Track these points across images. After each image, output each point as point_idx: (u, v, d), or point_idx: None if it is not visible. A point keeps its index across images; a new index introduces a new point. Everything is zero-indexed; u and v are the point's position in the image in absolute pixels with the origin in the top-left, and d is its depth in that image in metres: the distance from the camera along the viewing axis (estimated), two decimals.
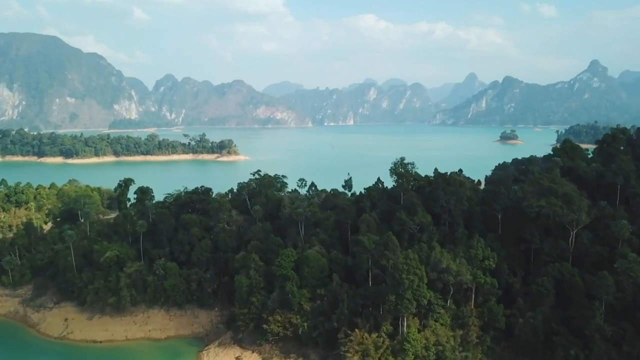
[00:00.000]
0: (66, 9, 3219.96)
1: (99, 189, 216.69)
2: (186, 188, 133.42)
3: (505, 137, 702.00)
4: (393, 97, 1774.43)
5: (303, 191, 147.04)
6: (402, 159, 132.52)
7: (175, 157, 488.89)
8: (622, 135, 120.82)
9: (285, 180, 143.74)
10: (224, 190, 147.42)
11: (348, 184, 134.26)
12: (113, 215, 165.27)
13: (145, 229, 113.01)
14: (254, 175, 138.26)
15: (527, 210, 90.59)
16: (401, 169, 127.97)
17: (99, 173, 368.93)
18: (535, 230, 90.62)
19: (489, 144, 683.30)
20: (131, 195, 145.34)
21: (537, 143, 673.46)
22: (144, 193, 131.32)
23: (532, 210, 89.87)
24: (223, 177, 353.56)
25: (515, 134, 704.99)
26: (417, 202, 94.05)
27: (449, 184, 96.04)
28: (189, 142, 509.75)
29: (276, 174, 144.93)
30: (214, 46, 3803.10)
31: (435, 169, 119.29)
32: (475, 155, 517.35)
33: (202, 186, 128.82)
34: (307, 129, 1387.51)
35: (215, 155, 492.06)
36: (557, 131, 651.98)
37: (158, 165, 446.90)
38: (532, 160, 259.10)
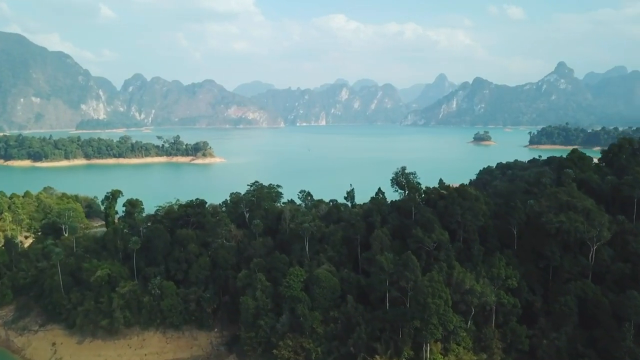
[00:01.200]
0: (30, 6, 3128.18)
1: (76, 197, 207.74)
2: (178, 200, 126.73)
3: (478, 139, 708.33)
4: (364, 98, 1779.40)
5: (298, 200, 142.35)
6: (404, 168, 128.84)
7: (148, 159, 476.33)
8: (628, 145, 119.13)
9: (280, 190, 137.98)
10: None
11: (350, 195, 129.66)
12: (97, 226, 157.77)
13: (139, 245, 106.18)
14: (250, 186, 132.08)
15: (547, 226, 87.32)
16: (403, 180, 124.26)
17: (71, 178, 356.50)
18: (555, 247, 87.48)
19: (463, 145, 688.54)
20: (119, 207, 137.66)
21: (510, 144, 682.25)
22: (134, 206, 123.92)
23: (553, 226, 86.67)
24: (202, 181, 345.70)
25: (488, 135, 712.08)
26: (433, 218, 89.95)
27: (464, 198, 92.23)
28: (163, 145, 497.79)
29: (271, 184, 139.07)
30: (183, 45, 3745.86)
31: (441, 180, 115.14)
32: (452, 157, 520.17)
33: (196, 199, 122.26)
34: (279, 129, 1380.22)
35: (190, 157, 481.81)
36: (530, 132, 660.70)
37: (131, 168, 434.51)
38: (517, 164, 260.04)
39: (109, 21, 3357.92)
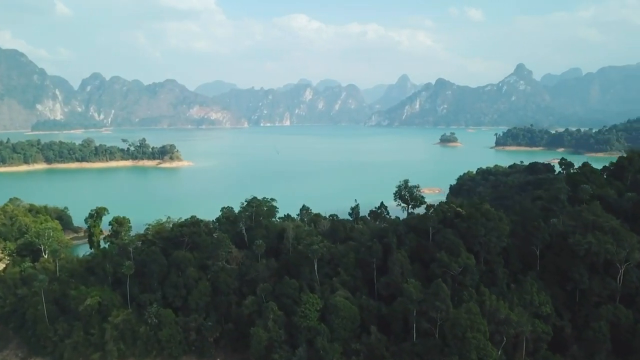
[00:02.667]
0: None
1: (45, 208, 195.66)
2: (169, 217, 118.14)
3: (445, 140, 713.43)
4: (328, 98, 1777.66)
5: (294, 214, 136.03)
6: (406, 181, 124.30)
7: (113, 163, 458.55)
8: (638, 157, 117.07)
9: (274, 204, 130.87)
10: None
11: (355, 212, 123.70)
12: (70, 238, 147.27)
13: (133, 270, 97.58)
14: (246, 202, 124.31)
15: (575, 248, 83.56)
16: (406, 194, 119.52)
17: (33, 184, 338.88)
18: (582, 269, 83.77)
19: (430, 147, 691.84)
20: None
21: (476, 145, 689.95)
22: (121, 224, 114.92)
23: (581, 248, 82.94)
24: (174, 188, 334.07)
25: (454, 136, 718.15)
26: (458, 241, 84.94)
27: (487, 218, 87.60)
28: (128, 148, 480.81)
29: (264, 197, 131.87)
30: (142, 44, 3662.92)
31: (463, 202, 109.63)
32: (422, 160, 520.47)
33: (192, 216, 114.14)
34: (243, 129, 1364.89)
35: (157, 161, 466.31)
36: (496, 134, 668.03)
37: (96, 173, 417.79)
38: (498, 170, 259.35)
39: (65, 18, 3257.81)
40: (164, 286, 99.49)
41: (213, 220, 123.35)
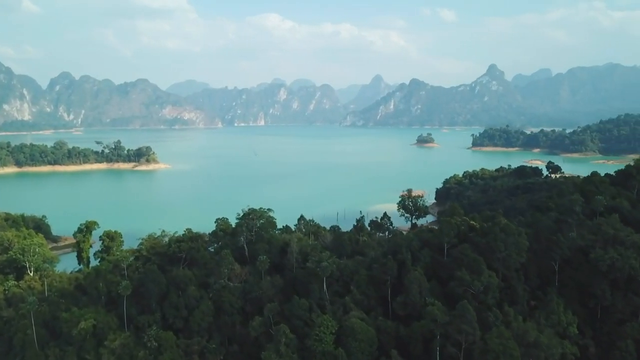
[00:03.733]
0: None
1: (22, 217, 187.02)
2: (164, 231, 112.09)
3: (421, 141, 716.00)
4: (303, 98, 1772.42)
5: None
6: (410, 191, 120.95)
7: (87, 166, 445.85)
8: None
9: (271, 213, 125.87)
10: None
11: (360, 223, 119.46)
12: (58, 256, 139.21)
13: (130, 291, 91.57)
14: (242, 213, 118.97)
15: (597, 263, 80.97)
16: (410, 204, 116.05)
17: (4, 189, 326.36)
18: (605, 285, 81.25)
19: (408, 148, 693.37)
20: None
21: (453, 146, 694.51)
22: (112, 239, 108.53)
23: (604, 263, 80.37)
24: (154, 192, 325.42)
25: (431, 137, 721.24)
26: (479, 259, 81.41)
27: (507, 233, 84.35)
28: (103, 150, 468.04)
29: (261, 207, 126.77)
30: (112, 42, 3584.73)
31: (477, 214, 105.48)
32: (401, 161, 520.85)
33: (188, 229, 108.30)
34: (217, 129, 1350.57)
35: (133, 164, 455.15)
36: (472, 135, 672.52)
37: (70, 176, 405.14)
38: (485, 173, 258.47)
39: (32, 15, 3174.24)
40: (164, 307, 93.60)
41: (209, 234, 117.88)
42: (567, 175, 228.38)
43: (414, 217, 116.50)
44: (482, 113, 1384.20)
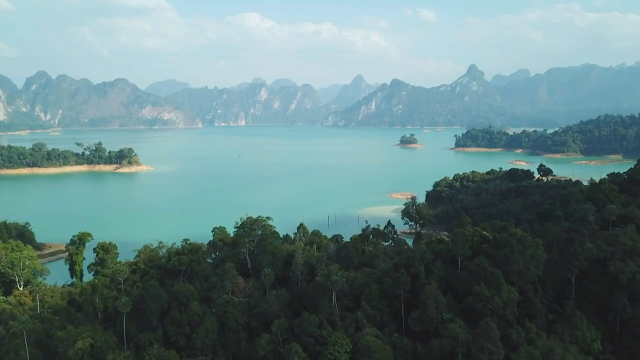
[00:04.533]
0: None
1: (5, 225, 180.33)
2: (160, 242, 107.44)
3: (405, 141, 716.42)
4: (284, 98, 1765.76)
5: (284, 229, 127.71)
6: (414, 199, 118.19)
7: (67, 169, 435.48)
8: None
9: (270, 222, 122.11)
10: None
11: (366, 234, 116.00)
12: (48, 268, 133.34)
13: (130, 308, 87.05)
14: (241, 222, 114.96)
15: (617, 275, 78.96)
16: (414, 211, 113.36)
17: None
18: (625, 298, 79.27)
19: (391, 148, 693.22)
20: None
21: (436, 146, 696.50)
22: (107, 251, 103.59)
23: (624, 276, 78.38)
24: (139, 195, 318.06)
25: (414, 137, 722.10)
26: (497, 272, 78.68)
27: (524, 246, 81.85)
28: (83, 152, 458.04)
29: (259, 216, 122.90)
30: (90, 41, 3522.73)
31: (488, 225, 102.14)
32: (386, 162, 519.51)
33: (185, 239, 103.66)
34: (197, 130, 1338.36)
35: (114, 166, 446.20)
36: (456, 135, 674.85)
37: (50, 179, 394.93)
38: (476, 175, 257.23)
39: (6, 13, 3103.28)
40: (165, 323, 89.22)
41: (207, 244, 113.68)
42: (557, 178, 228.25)
43: (416, 226, 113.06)
44: (463, 113, 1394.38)
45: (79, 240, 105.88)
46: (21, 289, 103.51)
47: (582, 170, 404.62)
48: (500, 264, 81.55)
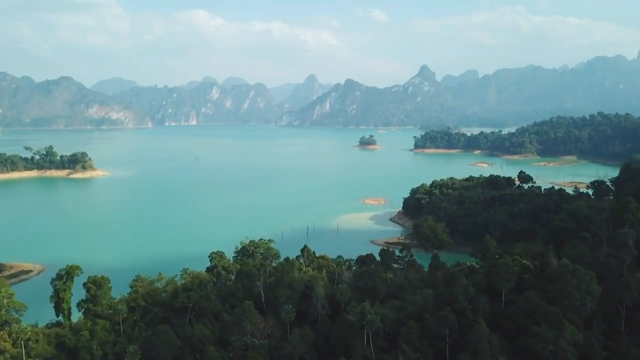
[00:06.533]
0: None
1: None
2: (161, 274, 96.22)
3: (364, 142, 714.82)
4: (236, 97, 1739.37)
5: (295, 255, 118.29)
6: (428, 218, 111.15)
7: (16, 174, 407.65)
8: None
9: (273, 245, 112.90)
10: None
11: (384, 257, 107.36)
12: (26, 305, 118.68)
13: (139, 357, 75.93)
14: (241, 247, 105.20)
15: None
16: (429, 233, 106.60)
17: None
18: None
19: (351, 150, 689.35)
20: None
21: (395, 148, 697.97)
22: (99, 286, 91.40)
23: None
24: (100, 205, 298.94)
25: (373, 139, 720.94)
26: (556, 310, 72.33)
27: (579, 280, 75.83)
28: (33, 156, 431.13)
29: (261, 239, 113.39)
30: (29, 37, 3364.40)
31: (519, 249, 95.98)
32: (348, 164, 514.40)
33: (185, 270, 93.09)
34: (147, 130, 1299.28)
35: (67, 171, 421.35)
36: (415, 137, 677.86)
37: None
38: (455, 182, 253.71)
39: None
40: None
41: (209, 275, 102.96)
42: (539, 185, 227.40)
43: (433, 249, 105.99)
44: (416, 113, 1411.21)
45: (67, 275, 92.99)
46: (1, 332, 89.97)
47: (541, 171, 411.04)
48: (553, 299, 75.31)
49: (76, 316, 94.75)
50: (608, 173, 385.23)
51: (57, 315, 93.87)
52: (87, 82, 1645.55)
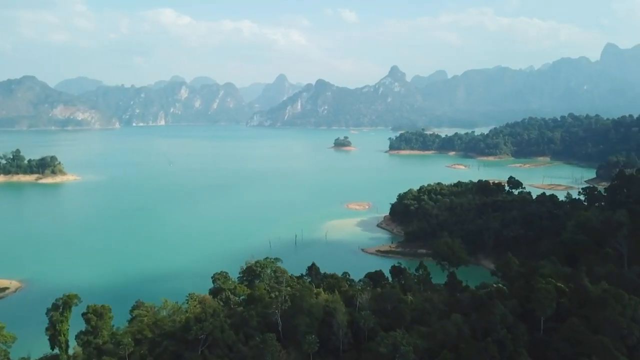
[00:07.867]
0: None
1: None
2: (167, 300, 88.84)
3: (339, 144, 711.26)
4: (205, 97, 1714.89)
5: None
6: (445, 235, 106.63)
7: None
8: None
9: (279, 263, 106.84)
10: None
11: (397, 273, 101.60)
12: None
13: None
14: (246, 267, 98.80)
15: None
16: (449, 251, 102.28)
17: None
18: None
19: (327, 151, 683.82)
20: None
21: (370, 149, 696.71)
22: (100, 316, 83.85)
23: None
24: (69, 210, 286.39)
25: (348, 140, 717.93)
26: (605, 340, 67.96)
27: (624, 306, 71.91)
28: None
29: (267, 257, 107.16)
30: None
31: (546, 268, 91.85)
32: (326, 167, 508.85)
33: (191, 295, 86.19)
34: (114, 130, 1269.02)
35: (36, 176, 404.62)
36: (390, 138, 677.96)
37: None
38: (443, 187, 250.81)
39: None
40: None
41: (214, 298, 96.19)
42: (528, 190, 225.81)
43: (449, 269, 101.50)
44: (387, 114, 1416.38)
45: (64, 305, 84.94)
46: None
47: (517, 173, 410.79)
48: (598, 328, 71.42)
49: (71, 348, 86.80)
50: (584, 175, 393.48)
51: (52, 349, 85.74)
52: (51, 81, 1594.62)
